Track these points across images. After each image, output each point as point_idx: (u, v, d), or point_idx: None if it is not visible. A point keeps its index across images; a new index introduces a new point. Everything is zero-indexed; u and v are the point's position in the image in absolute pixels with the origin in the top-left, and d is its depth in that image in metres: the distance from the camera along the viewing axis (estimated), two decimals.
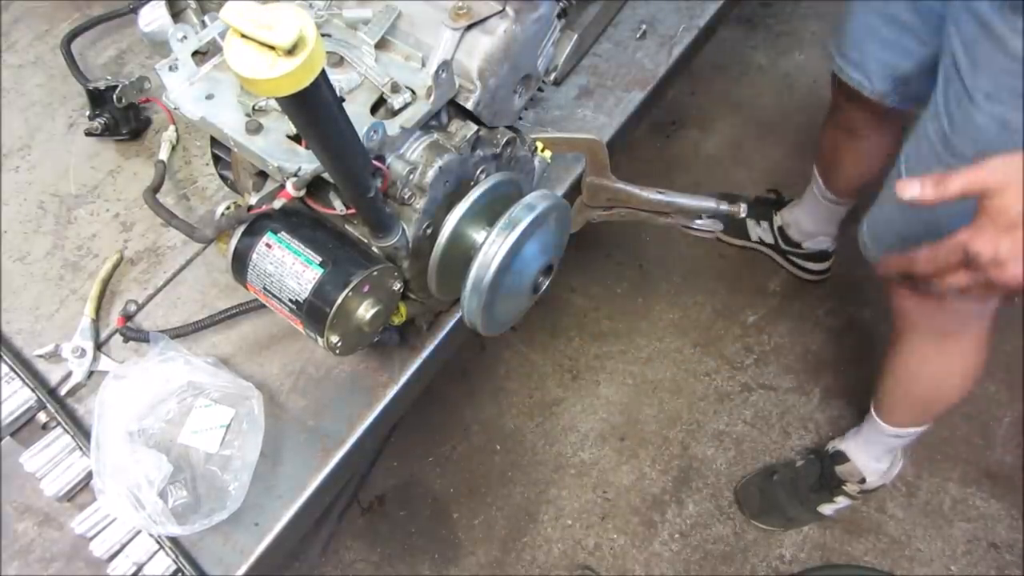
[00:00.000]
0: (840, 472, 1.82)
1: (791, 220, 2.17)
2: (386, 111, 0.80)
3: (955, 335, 1.45)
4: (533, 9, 0.85)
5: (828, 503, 1.86)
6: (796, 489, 1.88)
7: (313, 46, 0.48)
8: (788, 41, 2.73)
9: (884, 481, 1.86)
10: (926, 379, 1.54)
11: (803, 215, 2.13)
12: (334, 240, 0.82)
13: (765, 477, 1.93)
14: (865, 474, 1.81)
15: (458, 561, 1.89)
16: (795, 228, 2.16)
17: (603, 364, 2.14)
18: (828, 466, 1.84)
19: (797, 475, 1.89)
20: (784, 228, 2.19)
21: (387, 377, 1.00)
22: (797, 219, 2.15)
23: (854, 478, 1.82)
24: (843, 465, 1.82)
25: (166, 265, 1.08)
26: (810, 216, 2.11)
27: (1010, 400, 2.06)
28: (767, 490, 1.91)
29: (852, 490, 1.83)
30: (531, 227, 0.82)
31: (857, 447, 1.82)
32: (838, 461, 1.83)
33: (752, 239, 2.27)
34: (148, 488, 0.85)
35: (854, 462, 1.81)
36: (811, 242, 2.16)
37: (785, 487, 1.89)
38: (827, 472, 1.84)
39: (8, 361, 0.96)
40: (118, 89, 1.11)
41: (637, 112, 1.23)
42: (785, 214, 2.19)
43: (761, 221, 2.23)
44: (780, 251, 2.23)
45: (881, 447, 1.77)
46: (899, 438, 1.71)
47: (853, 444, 1.83)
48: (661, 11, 1.32)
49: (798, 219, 2.14)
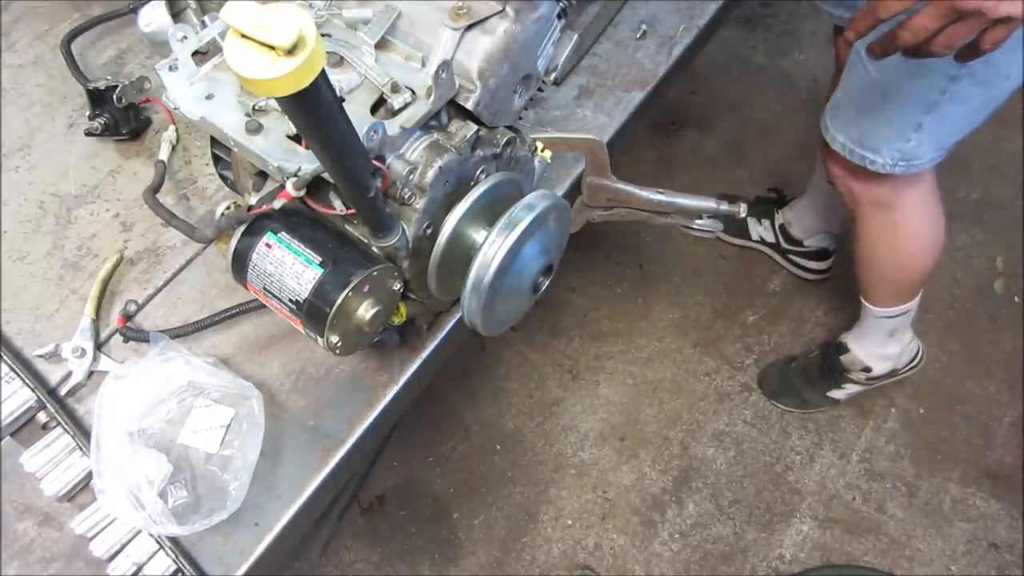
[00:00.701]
0: (844, 361, 1.93)
1: (793, 218, 2.17)
2: (386, 111, 0.80)
3: (895, 206, 1.54)
4: (533, 9, 0.85)
5: (837, 389, 2.00)
6: (808, 375, 2.02)
7: (313, 46, 0.48)
8: (788, 41, 2.73)
9: (896, 366, 1.93)
10: (885, 254, 1.64)
11: (806, 210, 2.14)
12: (334, 240, 0.82)
13: (785, 363, 2.09)
14: (868, 362, 1.90)
15: (458, 561, 1.89)
16: (797, 225, 2.17)
17: (603, 364, 2.14)
18: (832, 356, 1.96)
19: (810, 363, 2.04)
20: (786, 226, 2.19)
21: (387, 377, 1.00)
22: (799, 215, 2.16)
23: (856, 367, 1.91)
24: (845, 355, 1.92)
25: (166, 265, 1.08)
26: (813, 210, 2.12)
27: (1010, 400, 2.06)
28: (785, 374, 2.07)
29: (858, 378, 1.94)
30: (531, 227, 0.82)
31: (857, 338, 1.90)
32: (841, 352, 1.93)
33: (753, 238, 2.27)
34: (148, 488, 0.85)
35: (854, 352, 1.90)
36: (812, 240, 2.16)
37: (800, 373, 2.04)
38: (831, 362, 1.96)
39: (8, 361, 0.96)
40: (118, 89, 1.11)
41: (637, 112, 1.23)
42: (787, 212, 2.19)
43: (762, 220, 2.24)
44: (780, 250, 2.24)
45: (881, 332, 1.84)
46: (890, 318, 1.78)
47: (853, 335, 1.92)
48: (661, 11, 1.32)
49: (800, 215, 2.15)
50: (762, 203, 2.26)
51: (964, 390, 2.08)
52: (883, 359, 1.90)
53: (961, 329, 2.17)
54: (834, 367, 1.96)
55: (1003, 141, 2.45)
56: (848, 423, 2.04)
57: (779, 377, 2.07)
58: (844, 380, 1.97)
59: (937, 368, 2.11)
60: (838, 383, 1.98)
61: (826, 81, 2.58)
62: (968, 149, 2.46)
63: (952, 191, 2.38)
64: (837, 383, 1.98)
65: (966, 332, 2.17)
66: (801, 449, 2.01)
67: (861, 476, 1.98)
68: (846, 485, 1.97)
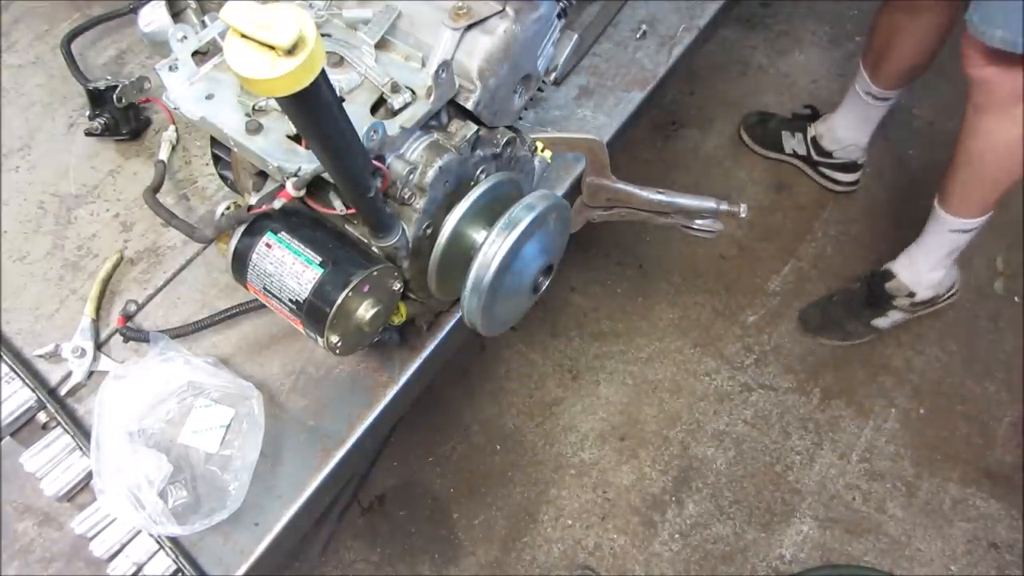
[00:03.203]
0: (889, 288, 2.01)
1: (824, 129, 2.29)
2: (386, 111, 0.80)
3: None
4: (533, 9, 0.85)
5: (882, 317, 2.07)
6: (851, 306, 2.10)
7: (313, 46, 0.48)
8: (788, 41, 2.73)
9: (937, 292, 2.00)
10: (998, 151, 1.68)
11: (839, 121, 2.25)
12: (334, 240, 0.82)
13: (825, 300, 2.16)
14: (913, 288, 1.98)
15: (458, 561, 1.89)
16: (828, 137, 2.28)
17: (603, 364, 2.14)
18: (877, 284, 2.04)
19: (853, 295, 2.11)
20: (817, 138, 2.31)
21: (387, 377, 1.00)
22: (832, 127, 2.27)
23: (901, 292, 1.99)
24: (891, 282, 2.00)
25: (166, 265, 1.08)
26: (847, 120, 2.22)
27: (1010, 400, 2.06)
28: (827, 309, 2.13)
29: (902, 304, 2.02)
30: (531, 227, 0.82)
31: (909, 260, 1.98)
32: (886, 279, 2.01)
33: (786, 151, 2.39)
34: (148, 488, 0.85)
35: (900, 278, 1.98)
36: (842, 151, 2.27)
37: (842, 305, 2.11)
38: (876, 290, 2.04)
39: (8, 361, 0.96)
40: (118, 89, 1.11)
41: (637, 112, 1.23)
42: (819, 125, 2.31)
43: (796, 133, 2.35)
44: (812, 162, 2.35)
45: (940, 252, 1.92)
46: (961, 232, 1.85)
47: (904, 261, 2.00)
48: (661, 11, 1.32)
49: (833, 127, 2.26)
50: (797, 119, 2.39)
51: (964, 390, 2.08)
52: (928, 285, 1.98)
53: (961, 329, 2.17)
54: (879, 295, 2.03)
55: None
56: (848, 423, 2.04)
57: (820, 313, 2.14)
58: (889, 307, 2.04)
59: (937, 368, 2.11)
60: (883, 310, 2.05)
61: (826, 81, 2.59)
62: None
63: None
64: (882, 310, 2.05)
65: (966, 332, 2.17)
66: (801, 449, 2.01)
67: (861, 476, 1.97)
68: (846, 485, 1.96)
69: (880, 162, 2.41)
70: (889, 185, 2.41)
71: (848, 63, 2.58)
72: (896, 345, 2.15)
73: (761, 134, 2.43)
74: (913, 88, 2.25)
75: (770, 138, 2.40)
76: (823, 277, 2.26)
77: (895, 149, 2.46)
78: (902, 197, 2.39)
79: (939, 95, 2.56)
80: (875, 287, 2.05)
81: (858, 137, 2.23)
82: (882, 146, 2.28)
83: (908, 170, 2.44)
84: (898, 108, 2.48)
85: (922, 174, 2.43)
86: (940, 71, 2.61)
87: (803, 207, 2.38)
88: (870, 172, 2.38)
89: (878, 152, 2.31)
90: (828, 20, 2.76)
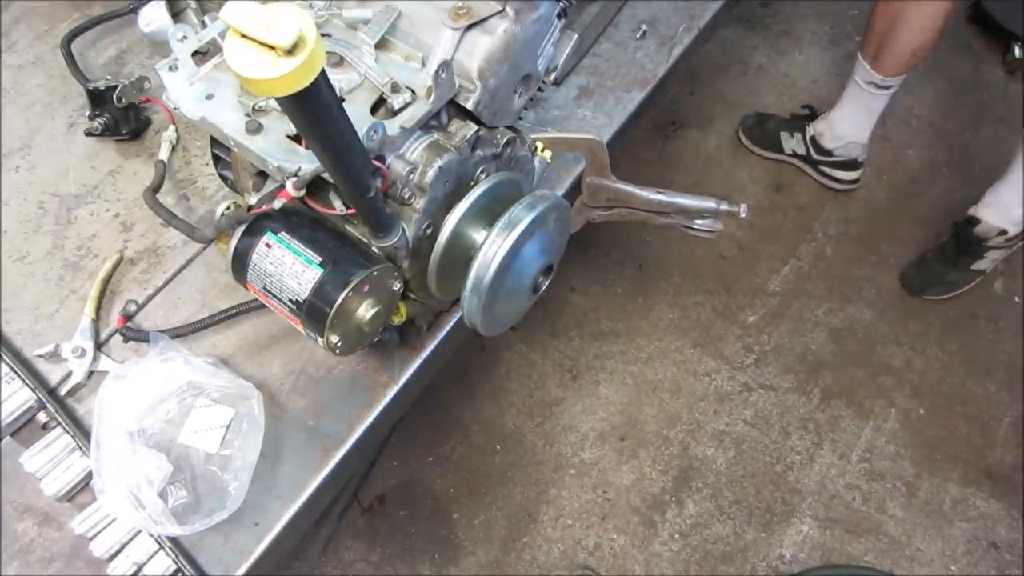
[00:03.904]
0: (978, 232, 2.04)
1: (824, 127, 2.29)
2: (386, 111, 0.80)
3: None
4: (533, 9, 0.85)
5: (980, 260, 2.10)
6: (947, 258, 2.14)
7: (313, 46, 0.48)
8: (788, 41, 2.73)
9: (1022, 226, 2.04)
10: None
11: (839, 117, 2.25)
12: (334, 240, 0.82)
13: (919, 260, 2.20)
14: (1003, 225, 2.00)
15: (458, 561, 1.89)
16: (829, 134, 2.28)
17: (603, 364, 2.14)
18: (964, 233, 2.07)
19: (944, 248, 2.15)
20: (817, 137, 2.31)
21: (387, 377, 1.00)
22: (832, 123, 2.27)
23: (992, 233, 2.02)
24: (979, 227, 2.03)
25: (166, 265, 1.08)
26: (847, 115, 2.23)
27: (1010, 400, 2.06)
28: (923, 267, 2.18)
29: (997, 243, 2.05)
30: (531, 227, 0.82)
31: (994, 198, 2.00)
32: (973, 224, 2.04)
33: (785, 152, 2.39)
34: (148, 488, 0.85)
35: (987, 221, 2.01)
36: (842, 149, 2.27)
37: (938, 259, 2.15)
38: (966, 238, 2.07)
39: (8, 361, 0.96)
40: (118, 89, 1.11)
41: (637, 112, 1.23)
42: (818, 123, 2.31)
43: (794, 134, 2.36)
44: (812, 162, 2.36)
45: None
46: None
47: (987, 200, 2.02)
48: (661, 11, 1.32)
49: (833, 123, 2.27)
50: (795, 119, 2.39)
51: (964, 390, 2.08)
52: (1016, 221, 2.00)
53: (961, 329, 2.17)
54: (971, 241, 2.06)
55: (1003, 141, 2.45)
56: (848, 423, 2.04)
57: (918, 274, 2.17)
58: (985, 249, 2.07)
59: (937, 368, 2.11)
60: (980, 254, 2.08)
61: (826, 81, 2.59)
62: (968, 149, 2.46)
63: (952, 191, 2.38)
64: (979, 254, 2.08)
65: (966, 332, 2.17)
66: (801, 449, 2.01)
67: (861, 476, 1.97)
68: (846, 485, 1.96)
69: (880, 162, 2.41)
70: (889, 185, 2.42)
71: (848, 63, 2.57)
72: (896, 345, 2.15)
73: (759, 136, 2.42)
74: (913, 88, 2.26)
75: (769, 139, 2.40)
76: (823, 277, 2.26)
77: (895, 149, 2.46)
78: (902, 197, 2.39)
79: (939, 95, 2.57)
80: (963, 235, 2.07)
81: (859, 132, 2.23)
82: (882, 146, 2.28)
83: (908, 170, 2.44)
84: (898, 108, 2.49)
85: (922, 174, 2.43)
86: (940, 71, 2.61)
87: (803, 207, 2.38)
88: (870, 172, 2.38)
89: (878, 152, 2.31)
90: (828, 20, 2.76)
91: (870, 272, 2.26)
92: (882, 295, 2.22)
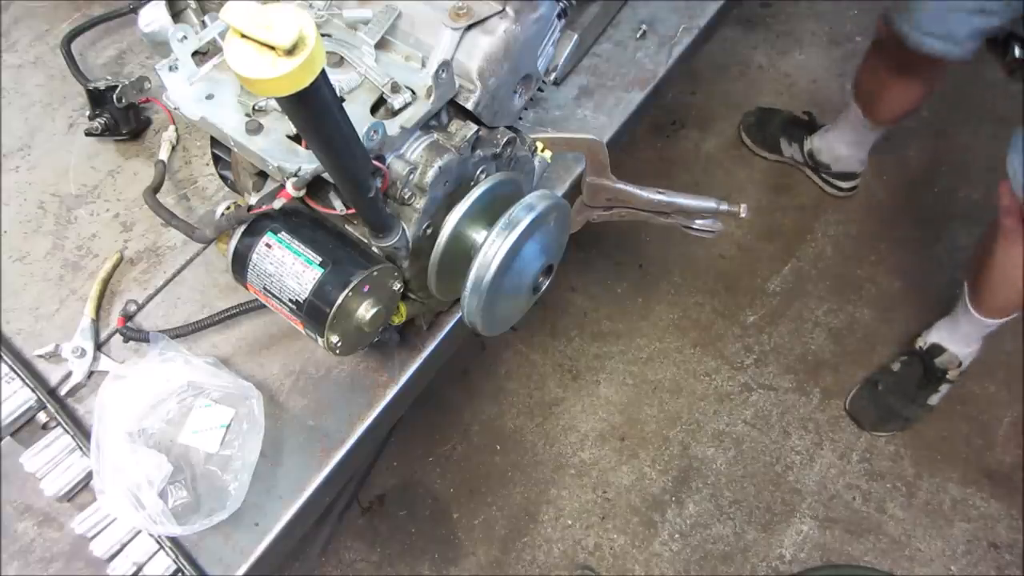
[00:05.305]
0: (940, 363, 1.95)
1: (823, 146, 2.28)
2: (386, 111, 0.80)
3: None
4: (533, 9, 0.85)
5: (935, 393, 2.00)
6: (904, 390, 1.99)
7: (313, 46, 0.48)
8: (788, 41, 2.73)
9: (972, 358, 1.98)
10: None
11: (836, 140, 2.24)
12: (334, 240, 0.82)
13: (870, 390, 2.03)
14: (962, 358, 1.95)
15: (458, 561, 1.89)
16: (826, 153, 2.27)
17: (603, 364, 2.14)
18: (928, 361, 1.97)
19: (900, 378, 2.01)
20: (815, 153, 2.30)
21: (387, 377, 1.00)
22: (830, 144, 2.26)
23: (953, 365, 1.95)
24: (941, 356, 1.95)
25: (166, 265, 1.08)
26: (843, 141, 2.22)
27: (1010, 400, 2.06)
28: (878, 400, 2.01)
29: (953, 376, 1.97)
30: (531, 227, 0.82)
31: (951, 337, 1.95)
32: (936, 354, 1.96)
33: (784, 155, 2.40)
34: (148, 488, 0.85)
35: (951, 351, 1.94)
36: (839, 164, 2.27)
37: (893, 392, 2.00)
38: (929, 367, 1.97)
39: (8, 361, 0.96)
40: (118, 89, 1.11)
41: (637, 112, 1.23)
42: (816, 139, 2.30)
43: (792, 142, 2.35)
44: (811, 167, 2.36)
45: (975, 334, 1.91)
46: (989, 327, 1.85)
47: (947, 335, 1.96)
48: (661, 11, 1.32)
49: (831, 144, 2.26)
50: (794, 125, 2.37)
51: (964, 390, 2.07)
52: (970, 356, 1.97)
53: None
54: (932, 372, 1.97)
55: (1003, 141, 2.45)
56: (848, 423, 2.04)
57: (873, 406, 2.01)
58: (942, 381, 1.98)
59: None
60: (936, 387, 1.99)
61: (826, 81, 2.59)
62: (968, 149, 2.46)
63: (952, 191, 2.38)
64: (935, 387, 1.99)
65: None
66: (801, 449, 2.01)
67: (861, 476, 1.98)
68: (846, 485, 1.97)
69: (880, 162, 2.41)
70: (889, 185, 2.41)
71: (848, 63, 2.58)
72: (896, 345, 2.14)
73: (760, 136, 2.42)
74: None
75: (769, 141, 2.40)
76: (823, 277, 2.26)
77: (895, 149, 2.46)
78: (902, 197, 2.39)
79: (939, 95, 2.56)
80: (927, 365, 1.97)
81: (856, 152, 2.23)
82: (882, 146, 2.28)
83: (908, 170, 2.44)
84: None
85: (922, 174, 2.43)
86: None
87: (803, 207, 2.38)
88: (870, 172, 2.38)
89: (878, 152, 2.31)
90: (828, 20, 2.76)
91: (870, 272, 2.26)
92: (882, 295, 2.22)
